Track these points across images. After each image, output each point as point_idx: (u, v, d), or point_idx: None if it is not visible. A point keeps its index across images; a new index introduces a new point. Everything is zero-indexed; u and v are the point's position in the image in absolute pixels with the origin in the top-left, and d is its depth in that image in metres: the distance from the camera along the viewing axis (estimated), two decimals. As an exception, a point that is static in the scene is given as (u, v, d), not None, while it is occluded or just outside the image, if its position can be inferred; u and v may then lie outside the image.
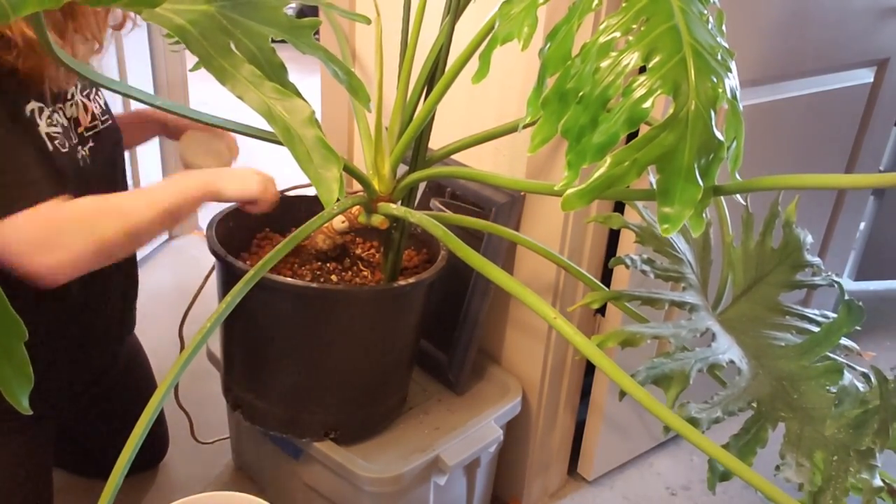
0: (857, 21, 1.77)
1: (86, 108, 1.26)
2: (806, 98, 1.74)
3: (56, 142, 1.15)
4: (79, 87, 1.24)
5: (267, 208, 1.23)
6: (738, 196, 1.11)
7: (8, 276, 1.06)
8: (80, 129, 1.24)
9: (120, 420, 1.38)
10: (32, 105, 1.12)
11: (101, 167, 1.26)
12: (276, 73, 0.83)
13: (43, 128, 1.13)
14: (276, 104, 0.75)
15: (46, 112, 1.15)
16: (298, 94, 0.78)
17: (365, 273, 1.36)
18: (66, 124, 1.19)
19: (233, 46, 0.79)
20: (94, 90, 1.29)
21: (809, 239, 1.15)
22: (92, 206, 1.11)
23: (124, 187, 1.37)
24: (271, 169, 1.28)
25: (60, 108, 1.20)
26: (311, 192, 1.46)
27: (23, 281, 1.07)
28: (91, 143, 1.25)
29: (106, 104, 1.33)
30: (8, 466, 1.29)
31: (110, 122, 1.32)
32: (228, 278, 1.27)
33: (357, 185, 1.22)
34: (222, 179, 1.19)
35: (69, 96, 1.22)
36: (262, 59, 0.82)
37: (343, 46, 1.52)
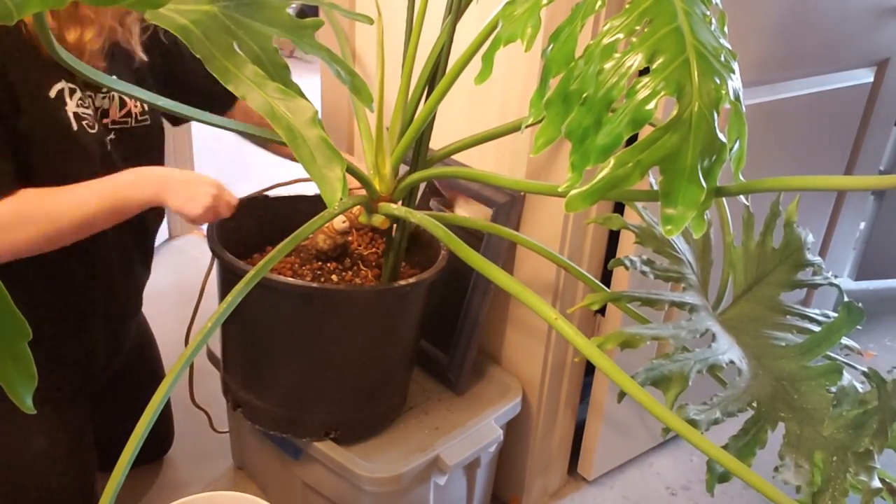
0: (857, 21, 1.77)
1: (123, 104, 1.29)
2: (806, 98, 1.74)
3: (84, 122, 1.20)
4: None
5: (214, 217, 1.24)
6: (740, 197, 1.11)
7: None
8: (106, 121, 1.27)
9: (126, 411, 1.41)
10: (62, 85, 1.18)
11: (125, 160, 1.28)
12: (280, 74, 0.83)
13: (71, 107, 1.19)
14: (279, 104, 0.75)
15: (79, 94, 1.20)
16: (302, 95, 0.78)
17: (365, 273, 1.36)
18: (91, 113, 1.23)
19: (236, 47, 0.79)
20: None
21: (811, 238, 1.15)
22: (46, 199, 1.15)
23: None
24: (269, 167, 1.28)
25: (90, 96, 1.24)
26: (306, 191, 1.46)
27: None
28: (112, 136, 1.28)
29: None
30: (45, 453, 1.34)
31: (149, 122, 1.34)
32: (229, 278, 1.27)
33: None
34: (170, 192, 1.20)
35: (104, 88, 1.24)
36: (266, 59, 0.82)
37: (343, 46, 1.51)
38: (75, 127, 1.19)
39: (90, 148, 1.21)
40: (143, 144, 1.34)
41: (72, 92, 1.19)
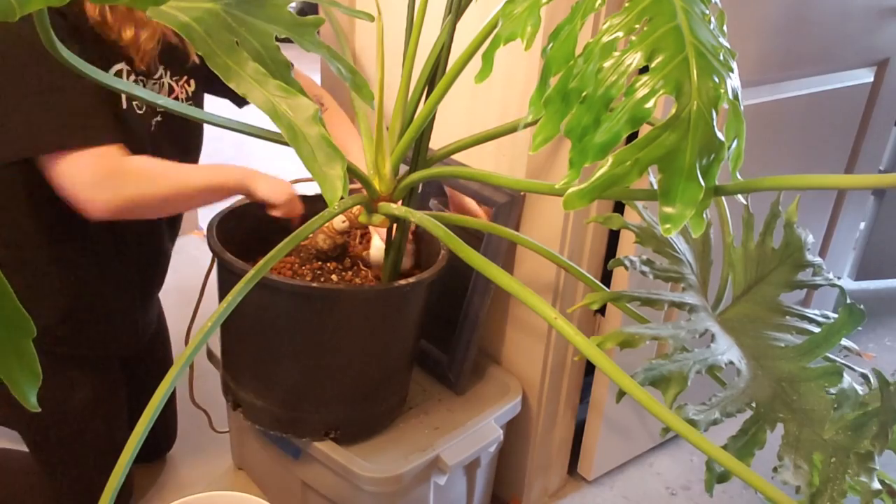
0: (857, 21, 1.77)
1: (171, 90, 1.36)
2: (806, 98, 1.74)
3: (134, 103, 1.28)
4: (169, 72, 1.35)
5: (286, 215, 1.33)
6: (739, 196, 1.11)
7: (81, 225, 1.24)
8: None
9: (134, 403, 1.51)
10: (120, 66, 1.25)
11: (168, 142, 1.36)
12: (281, 71, 0.83)
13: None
14: (280, 102, 0.75)
15: (133, 77, 1.28)
16: (303, 93, 0.78)
17: (365, 273, 1.36)
18: None
19: (237, 44, 0.79)
20: (182, 79, 1.38)
21: (811, 238, 1.15)
22: (147, 165, 1.24)
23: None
24: (271, 165, 1.30)
25: (142, 81, 1.30)
26: (311, 190, 1.46)
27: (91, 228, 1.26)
28: (159, 118, 1.34)
29: (195, 94, 1.42)
30: (89, 403, 1.43)
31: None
32: (229, 278, 1.27)
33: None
34: (258, 180, 1.30)
35: (157, 76, 1.33)
36: (267, 56, 0.82)
37: (343, 45, 1.52)
38: (124, 105, 1.26)
39: (136, 127, 1.28)
40: (185, 130, 1.42)
41: (128, 74, 1.27)
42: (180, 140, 1.40)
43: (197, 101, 1.43)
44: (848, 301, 1.01)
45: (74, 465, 1.46)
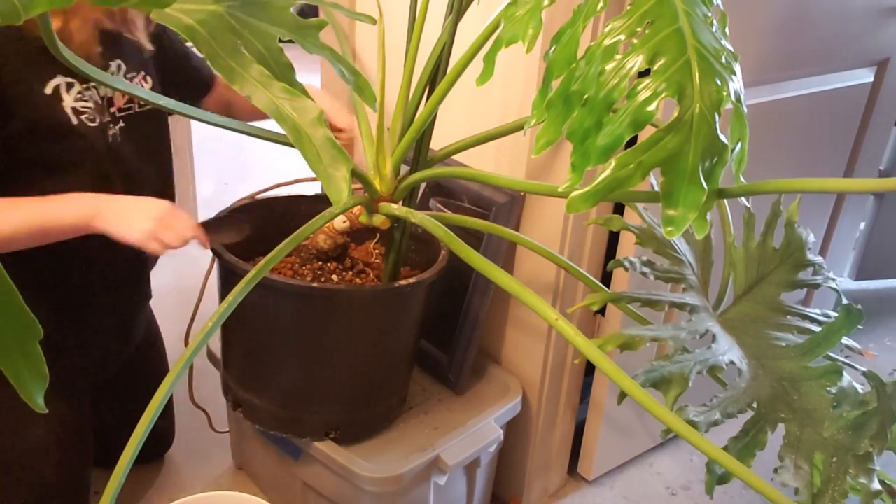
0: (857, 21, 1.77)
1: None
2: (806, 98, 1.74)
3: (84, 116, 1.21)
4: (122, 70, 1.28)
5: (162, 251, 1.18)
6: (741, 197, 1.11)
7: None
8: (113, 109, 1.27)
9: (129, 408, 1.44)
10: (58, 81, 1.18)
11: (133, 146, 1.30)
12: (285, 73, 0.83)
13: (69, 102, 1.19)
14: (285, 104, 0.75)
15: (77, 88, 1.20)
16: (306, 94, 0.78)
17: (366, 273, 1.36)
18: (98, 101, 1.23)
19: (241, 46, 0.79)
20: (139, 74, 1.31)
21: (811, 238, 1.15)
22: None
23: (162, 167, 1.41)
24: (269, 167, 1.29)
25: (94, 87, 1.23)
26: (305, 191, 1.46)
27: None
28: (122, 123, 1.28)
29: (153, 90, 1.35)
30: (47, 441, 1.35)
31: (150, 106, 1.32)
32: (229, 278, 1.27)
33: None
34: (104, 216, 1.15)
35: (110, 72, 1.27)
36: (271, 58, 0.82)
37: (344, 46, 1.52)
38: (74, 121, 1.19)
39: (92, 141, 1.22)
40: (150, 129, 1.36)
41: (69, 86, 1.19)
42: (145, 148, 1.33)
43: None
44: (844, 301, 1.01)
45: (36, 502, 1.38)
